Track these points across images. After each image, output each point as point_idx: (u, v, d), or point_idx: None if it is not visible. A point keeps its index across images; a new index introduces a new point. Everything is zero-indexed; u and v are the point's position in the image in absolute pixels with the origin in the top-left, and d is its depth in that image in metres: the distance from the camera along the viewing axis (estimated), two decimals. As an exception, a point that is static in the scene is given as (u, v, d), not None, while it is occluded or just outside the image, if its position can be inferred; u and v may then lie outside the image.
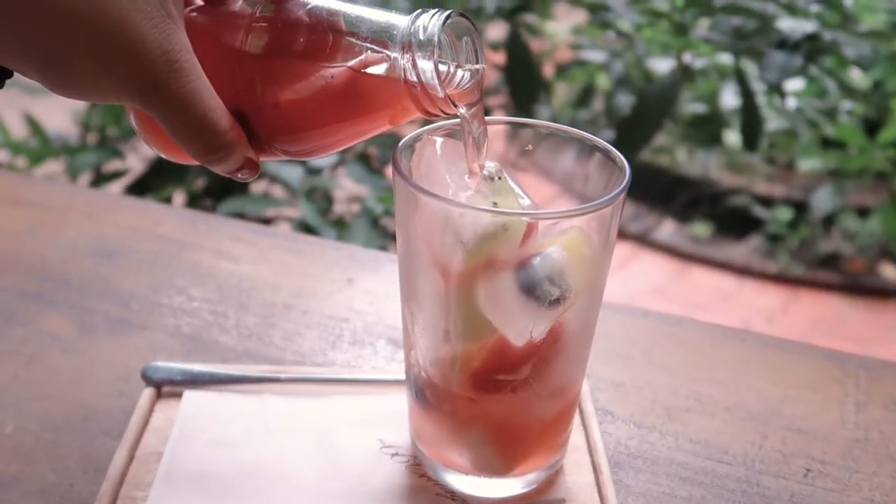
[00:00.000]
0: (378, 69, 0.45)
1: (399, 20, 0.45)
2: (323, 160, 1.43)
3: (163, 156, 0.51)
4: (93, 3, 0.40)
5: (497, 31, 1.78)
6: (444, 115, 0.47)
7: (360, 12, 0.46)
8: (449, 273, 0.50)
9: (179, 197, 1.56)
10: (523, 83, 1.51)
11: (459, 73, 0.48)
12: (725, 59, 1.54)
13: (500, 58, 1.56)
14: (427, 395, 0.57)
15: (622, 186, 0.52)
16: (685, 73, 1.48)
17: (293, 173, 1.35)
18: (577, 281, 0.51)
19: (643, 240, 2.76)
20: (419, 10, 0.46)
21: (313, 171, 1.40)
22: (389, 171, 1.42)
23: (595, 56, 1.71)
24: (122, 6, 0.40)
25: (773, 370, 0.73)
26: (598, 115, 1.92)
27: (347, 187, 1.45)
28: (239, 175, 0.47)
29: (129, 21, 0.40)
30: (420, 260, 0.52)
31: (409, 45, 0.44)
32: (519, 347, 0.51)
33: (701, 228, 2.81)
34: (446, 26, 0.45)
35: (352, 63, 0.45)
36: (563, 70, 1.81)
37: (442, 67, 0.46)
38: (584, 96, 1.86)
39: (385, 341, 0.73)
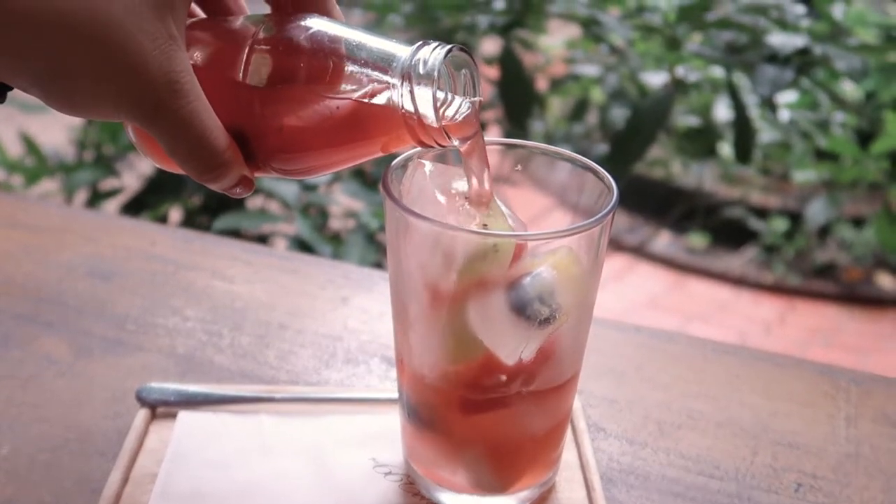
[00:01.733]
0: (376, 98, 0.46)
1: (400, 50, 0.46)
2: (318, 178, 1.44)
3: (159, 167, 0.51)
4: (95, 22, 0.40)
5: (491, 45, 1.78)
6: (439, 147, 0.47)
7: (362, 39, 0.46)
8: (440, 294, 0.51)
9: (176, 213, 1.56)
10: (517, 98, 1.51)
11: (456, 104, 0.49)
12: (718, 72, 1.55)
13: (494, 72, 1.56)
14: (420, 413, 0.57)
15: (610, 206, 0.52)
16: (678, 87, 1.49)
17: (289, 189, 1.36)
18: (568, 300, 0.52)
19: (639, 252, 2.77)
20: (420, 42, 0.46)
21: (309, 187, 1.41)
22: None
23: (589, 70, 1.72)
24: (125, 26, 0.41)
25: (765, 385, 0.73)
26: (593, 129, 1.93)
27: (343, 203, 1.45)
28: (234, 192, 0.48)
29: (132, 41, 0.41)
30: (411, 280, 0.52)
31: (409, 76, 0.45)
32: (510, 366, 0.52)
33: (697, 240, 2.82)
34: (446, 59, 0.46)
35: (351, 90, 0.46)
36: (557, 84, 1.81)
37: (439, 95, 0.47)
38: (579, 110, 1.87)
39: (379, 359, 0.74)
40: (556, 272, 0.51)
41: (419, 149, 0.54)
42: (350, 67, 0.46)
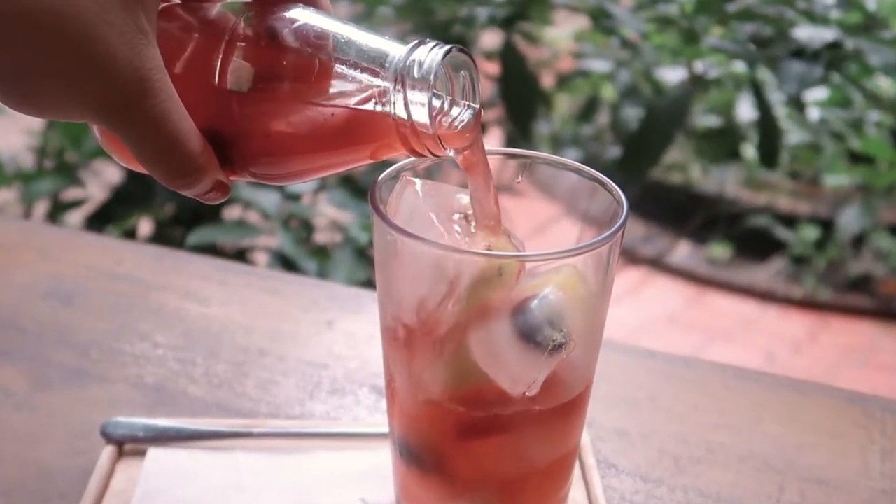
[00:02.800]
0: (365, 102, 0.46)
1: (394, 49, 0.46)
2: (302, 185, 1.44)
3: (127, 167, 0.51)
4: (58, 15, 0.40)
5: (491, 39, 1.79)
6: (433, 157, 0.47)
7: (352, 36, 0.46)
8: (435, 321, 0.51)
9: (146, 226, 1.57)
10: (520, 96, 1.52)
11: (454, 111, 0.49)
12: (740, 68, 1.55)
13: (494, 68, 1.57)
14: (412, 448, 0.57)
15: (619, 223, 0.53)
16: (697, 84, 1.49)
17: (269, 199, 1.36)
18: (577, 323, 0.52)
19: (656, 264, 2.77)
20: (416, 42, 0.46)
21: (291, 197, 1.41)
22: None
23: (599, 65, 1.73)
24: (90, 20, 0.41)
25: (790, 414, 0.74)
26: (604, 130, 1.93)
27: (329, 214, 1.45)
28: (208, 198, 0.48)
29: (98, 36, 0.41)
30: (403, 305, 0.53)
31: (403, 79, 0.45)
32: (513, 397, 0.52)
33: (719, 250, 2.82)
34: (445, 61, 0.46)
35: (338, 94, 0.46)
36: (564, 81, 1.82)
37: (435, 102, 0.46)
38: (588, 109, 1.88)
39: (368, 389, 0.74)
40: (563, 293, 0.51)
41: (410, 159, 0.55)
42: (338, 68, 0.46)
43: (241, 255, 1.50)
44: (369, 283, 1.27)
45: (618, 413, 0.73)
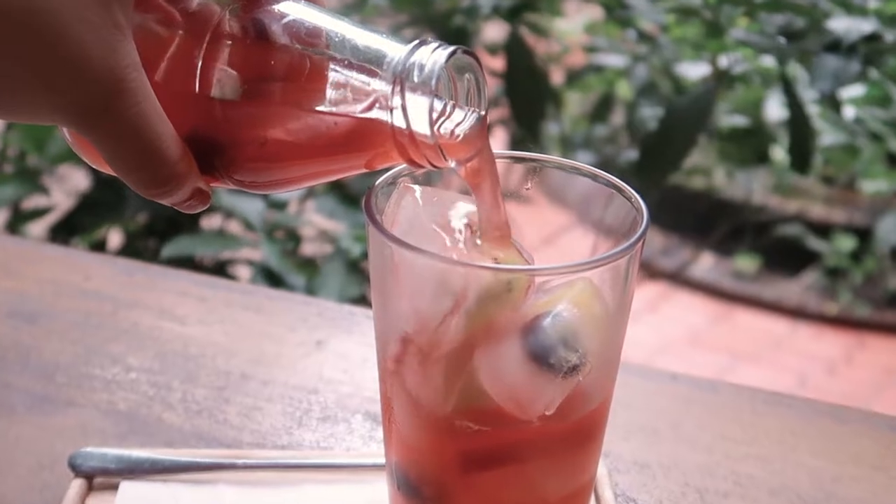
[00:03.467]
0: (360, 107, 0.46)
1: (392, 49, 0.46)
2: (288, 192, 1.45)
3: (98, 169, 0.51)
4: (27, 10, 0.40)
5: (495, 31, 1.80)
6: (433, 168, 0.48)
7: (347, 33, 0.46)
8: (439, 340, 0.51)
9: (115, 237, 1.57)
10: (527, 94, 1.52)
11: (457, 118, 0.49)
12: (769, 63, 1.55)
13: (498, 63, 1.57)
14: (411, 480, 0.57)
15: (639, 233, 0.52)
16: (722, 80, 1.49)
17: (252, 207, 1.36)
18: (593, 343, 0.52)
19: (677, 277, 2.77)
20: (417, 42, 0.46)
21: (276, 205, 1.42)
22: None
23: (613, 60, 1.73)
24: (62, 14, 0.41)
25: (827, 443, 0.74)
26: (619, 131, 1.94)
27: (318, 223, 1.45)
28: (186, 207, 0.48)
29: (70, 33, 0.41)
30: (401, 324, 0.53)
31: (402, 82, 0.45)
32: (523, 424, 0.52)
33: (745, 263, 2.83)
34: (448, 63, 0.46)
35: (330, 98, 0.46)
36: (575, 77, 1.82)
37: (437, 106, 0.46)
38: (602, 108, 1.88)
39: (362, 416, 0.74)
40: (578, 310, 0.51)
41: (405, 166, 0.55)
42: (331, 69, 0.46)
43: (220, 269, 1.50)
44: (363, 300, 1.27)
45: (637, 442, 0.73)
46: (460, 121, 0.49)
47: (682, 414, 0.76)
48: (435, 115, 0.45)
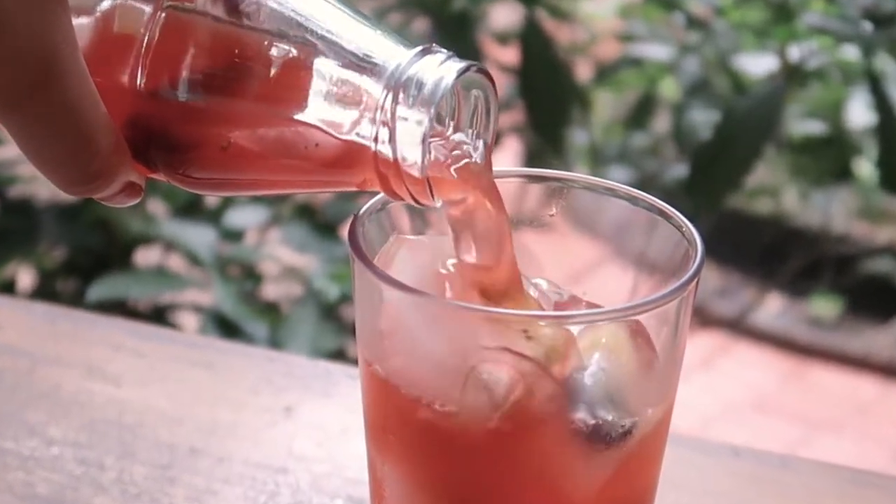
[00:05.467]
0: (338, 119, 0.46)
1: (388, 52, 0.46)
2: (246, 217, 1.45)
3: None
4: None
5: (506, 14, 1.81)
6: (415, 205, 0.48)
7: (333, 22, 0.46)
8: (453, 413, 0.51)
9: (26, 276, 1.57)
10: (546, 93, 1.53)
11: (455, 146, 0.49)
12: (852, 54, 1.56)
13: (510, 56, 1.58)
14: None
15: (693, 270, 0.52)
16: (792, 77, 1.50)
17: (200, 237, 1.37)
18: (637, 401, 0.52)
19: (737, 325, 2.77)
20: (421, 49, 0.46)
21: (230, 234, 1.42)
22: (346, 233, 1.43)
23: (655, 51, 1.74)
24: None
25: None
26: (663, 141, 1.94)
27: (283, 258, 1.46)
28: (115, 201, 0.49)
29: None
30: (401, 387, 0.53)
31: (394, 98, 0.45)
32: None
33: (824, 307, 2.82)
34: (457, 81, 0.46)
35: (303, 100, 0.46)
36: (606, 73, 1.83)
37: (433, 130, 0.46)
38: (641, 112, 1.89)
39: (343, 502, 0.74)
40: (615, 356, 0.52)
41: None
42: (309, 67, 0.46)
43: (159, 316, 1.50)
44: (341, 355, 1.28)
45: (690, 533, 0.73)
46: (459, 151, 0.49)
47: (745, 496, 0.76)
48: (429, 144, 0.45)
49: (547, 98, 1.52)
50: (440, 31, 1.50)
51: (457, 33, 1.47)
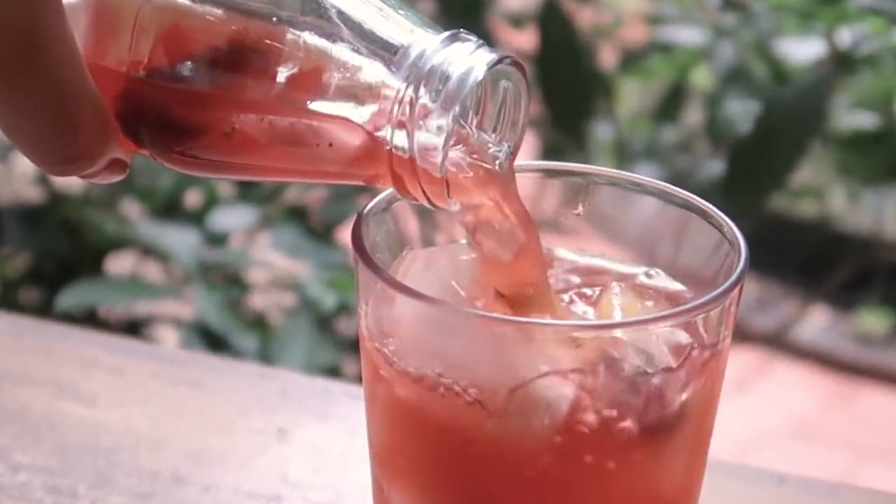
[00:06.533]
0: (352, 113, 0.46)
1: (411, 38, 0.46)
2: (232, 218, 1.45)
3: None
4: None
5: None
6: (430, 206, 0.48)
7: (351, 4, 0.46)
8: (503, 435, 0.51)
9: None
10: (567, 82, 1.53)
11: (478, 144, 0.49)
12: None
13: (526, 40, 1.59)
14: None
15: (735, 277, 0.52)
16: (841, 64, 1.50)
17: (181, 241, 1.37)
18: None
19: (778, 341, 2.77)
20: (449, 34, 0.46)
21: (215, 238, 1.42)
22: (345, 236, 1.43)
23: (687, 35, 1.74)
24: None
25: None
26: (695, 135, 1.94)
27: (274, 263, 1.46)
28: (99, 178, 0.49)
29: None
30: (424, 409, 0.53)
31: (415, 89, 0.45)
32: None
33: (874, 321, 2.82)
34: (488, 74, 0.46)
35: (313, 93, 0.46)
36: (633, 59, 1.83)
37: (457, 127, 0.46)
38: (671, 103, 1.89)
39: (343, 534, 0.75)
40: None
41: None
42: (319, 54, 0.46)
43: (134, 329, 1.50)
44: (338, 371, 1.28)
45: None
46: (482, 151, 0.49)
47: (791, 530, 0.76)
48: (450, 141, 0.45)
49: (567, 87, 1.53)
50: (447, 14, 1.50)
51: (466, 16, 1.47)
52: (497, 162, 0.49)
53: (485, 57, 0.45)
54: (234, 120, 0.47)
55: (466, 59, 0.45)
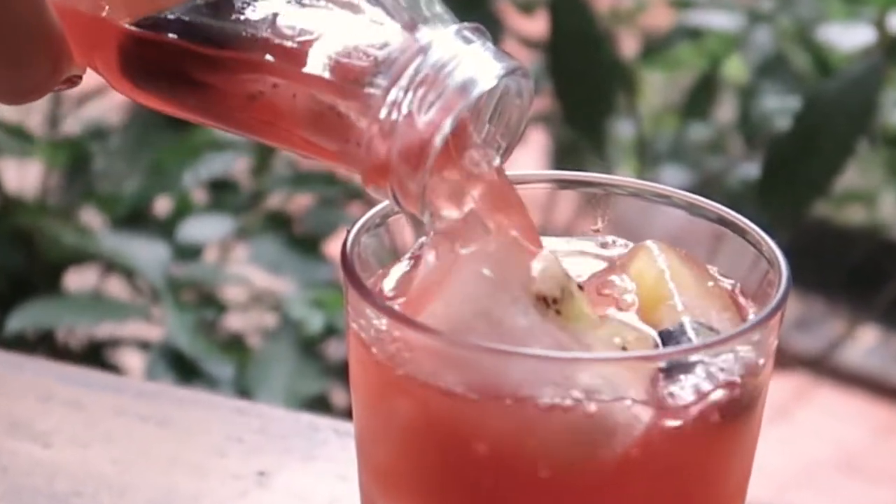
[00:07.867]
0: (337, 91, 0.47)
1: (400, 36, 0.46)
2: (206, 229, 1.45)
3: None
4: None
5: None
6: (398, 208, 0.48)
7: None
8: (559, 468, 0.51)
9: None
10: (582, 74, 1.54)
11: (468, 149, 0.49)
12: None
13: (535, 27, 1.59)
14: None
15: (778, 300, 0.52)
16: (893, 53, 1.51)
17: (148, 254, 1.37)
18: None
19: (821, 365, 2.77)
20: (456, 29, 0.46)
21: (186, 251, 1.42)
22: (333, 248, 1.43)
23: (718, 21, 1.74)
24: None
25: None
26: (727, 133, 1.94)
27: (252, 279, 1.46)
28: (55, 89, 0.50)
29: None
30: (416, 447, 0.53)
31: (406, 86, 0.45)
32: None
33: (930, 342, 2.83)
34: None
35: (300, 60, 0.47)
36: (657, 48, 1.84)
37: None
38: (699, 97, 1.89)
39: (330, 590, 0.75)
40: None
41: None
42: (315, 21, 0.47)
43: (95, 354, 1.50)
44: (325, 402, 1.28)
45: None
46: (470, 160, 0.49)
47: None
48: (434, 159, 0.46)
49: (582, 80, 1.53)
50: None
51: (471, 1, 1.47)
52: (485, 164, 0.50)
53: (495, 67, 0.46)
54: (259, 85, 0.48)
55: (472, 64, 0.45)
